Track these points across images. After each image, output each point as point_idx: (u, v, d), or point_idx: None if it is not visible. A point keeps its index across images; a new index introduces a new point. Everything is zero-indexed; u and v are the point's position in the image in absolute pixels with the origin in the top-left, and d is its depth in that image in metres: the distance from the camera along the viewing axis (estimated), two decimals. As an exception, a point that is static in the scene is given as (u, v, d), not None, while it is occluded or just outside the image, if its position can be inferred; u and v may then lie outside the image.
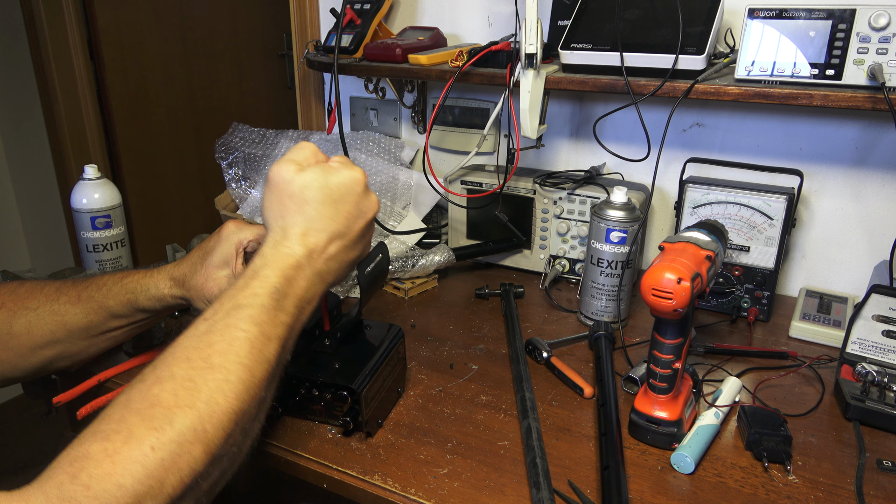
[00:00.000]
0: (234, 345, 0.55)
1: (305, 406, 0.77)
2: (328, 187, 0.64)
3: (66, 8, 2.12)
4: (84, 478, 0.44)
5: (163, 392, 0.50)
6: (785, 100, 0.86)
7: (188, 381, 0.51)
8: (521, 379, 0.84)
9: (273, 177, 0.64)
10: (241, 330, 0.56)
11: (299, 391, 0.75)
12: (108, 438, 0.47)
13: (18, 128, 2.37)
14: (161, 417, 0.48)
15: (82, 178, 1.09)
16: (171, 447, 0.47)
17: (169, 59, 2.36)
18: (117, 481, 0.44)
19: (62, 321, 0.76)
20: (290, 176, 0.63)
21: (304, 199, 0.63)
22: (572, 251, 1.17)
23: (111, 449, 0.46)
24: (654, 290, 0.67)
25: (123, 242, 1.12)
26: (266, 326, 0.57)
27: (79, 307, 0.76)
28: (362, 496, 0.69)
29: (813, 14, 0.85)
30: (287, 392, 0.76)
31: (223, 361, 0.54)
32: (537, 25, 0.93)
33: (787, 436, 0.72)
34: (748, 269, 1.03)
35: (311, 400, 0.75)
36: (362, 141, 1.42)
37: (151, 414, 0.49)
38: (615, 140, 1.23)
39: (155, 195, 2.41)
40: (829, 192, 1.10)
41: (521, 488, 0.67)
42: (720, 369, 0.90)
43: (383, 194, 1.31)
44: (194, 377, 0.52)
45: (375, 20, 1.25)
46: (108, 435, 0.47)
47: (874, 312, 0.86)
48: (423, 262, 1.13)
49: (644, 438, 0.75)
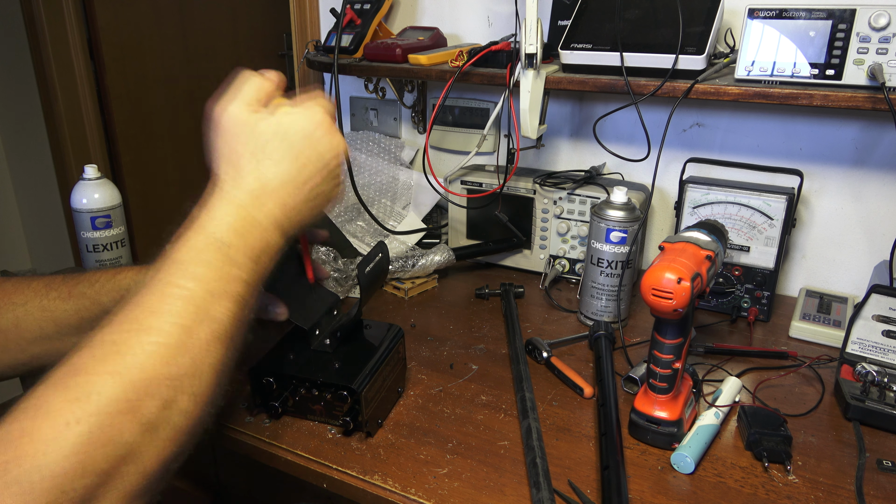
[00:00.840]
0: (168, 302, 0.50)
1: (305, 406, 0.77)
2: (284, 131, 0.59)
3: (66, 8, 2.12)
4: (1, 460, 0.40)
5: (82, 359, 0.46)
6: (785, 100, 0.86)
7: (112, 345, 0.47)
8: (521, 379, 0.84)
9: (221, 119, 0.59)
10: (177, 286, 0.51)
11: (299, 391, 0.75)
12: (27, 415, 0.43)
13: (18, 128, 2.37)
14: (82, 387, 0.44)
15: (82, 178, 1.09)
16: (95, 419, 0.43)
17: (169, 59, 2.36)
18: (37, 462, 0.41)
19: (52, 317, 0.73)
20: (241, 118, 0.59)
21: (258, 144, 0.58)
22: (572, 251, 1.17)
23: (29, 427, 0.42)
24: (654, 290, 0.67)
25: (123, 242, 1.12)
26: (212, 283, 0.53)
27: (70, 303, 0.73)
28: (362, 496, 0.69)
29: (813, 14, 0.85)
30: (287, 392, 0.76)
31: (155, 322, 0.49)
32: (537, 25, 0.93)
33: (787, 436, 0.72)
34: (748, 269, 1.03)
35: (311, 400, 0.75)
36: (362, 141, 1.42)
37: (72, 384, 0.45)
38: (615, 140, 1.23)
39: (155, 195, 2.41)
40: (829, 192, 1.10)
41: (521, 488, 0.67)
42: (720, 369, 0.90)
43: (383, 194, 1.31)
44: (120, 340, 0.48)
45: (375, 20, 1.25)
46: (27, 411, 0.43)
47: (874, 312, 0.86)
48: (423, 262, 1.13)
49: (644, 438, 0.75)
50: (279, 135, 0.60)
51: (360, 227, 1.26)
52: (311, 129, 0.61)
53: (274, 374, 0.75)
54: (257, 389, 0.77)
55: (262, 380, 0.76)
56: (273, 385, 0.76)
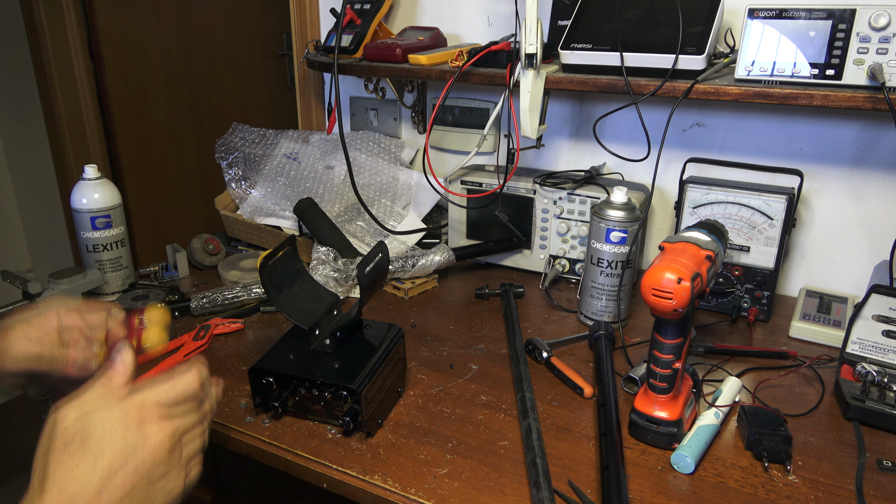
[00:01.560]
0: None
1: (305, 406, 0.77)
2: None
3: (66, 8, 2.12)
4: None
5: None
6: (785, 100, 0.86)
7: None
8: (521, 379, 0.84)
9: None
10: None
11: (299, 391, 0.75)
12: None
13: (18, 128, 2.37)
14: None
15: (82, 178, 1.09)
16: None
17: (169, 59, 2.36)
18: None
19: None
20: None
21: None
22: (572, 251, 1.17)
23: None
24: (654, 290, 0.67)
25: (123, 242, 1.12)
26: None
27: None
28: (362, 496, 0.69)
29: (813, 14, 0.85)
30: (287, 392, 0.76)
31: None
32: (537, 25, 0.93)
33: (787, 436, 0.72)
34: (748, 269, 1.03)
35: (311, 400, 0.76)
36: (362, 141, 1.42)
37: None
38: (615, 140, 1.23)
39: (155, 195, 2.41)
40: (829, 192, 1.10)
41: (521, 488, 0.67)
42: (720, 369, 0.90)
43: (383, 194, 1.31)
44: None
45: (375, 20, 1.25)
46: None
47: (874, 312, 0.86)
48: (423, 262, 1.13)
49: (644, 438, 0.75)
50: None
51: (360, 227, 1.26)
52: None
53: (274, 374, 0.75)
54: (257, 389, 0.77)
55: (262, 380, 0.76)
56: (273, 385, 0.76)
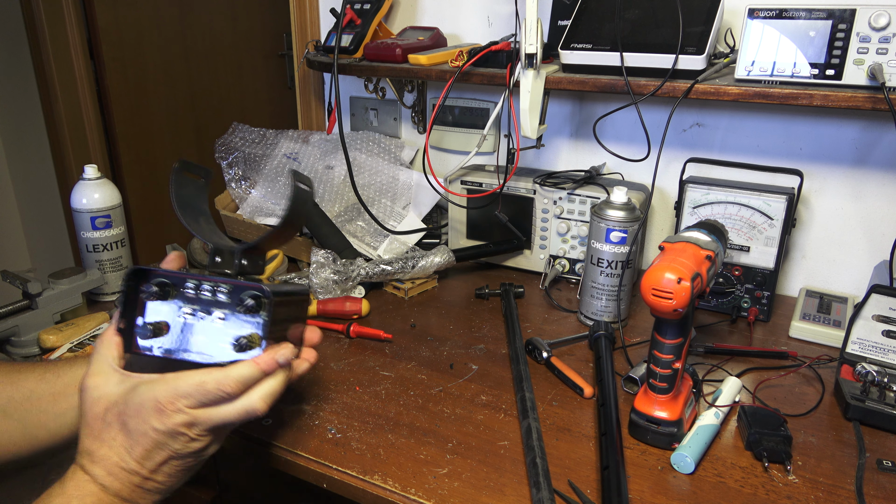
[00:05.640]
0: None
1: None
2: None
3: (66, 8, 2.12)
4: None
5: None
6: (785, 100, 0.86)
7: None
8: (521, 379, 0.84)
9: None
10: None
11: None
12: None
13: (18, 128, 2.37)
14: None
15: (82, 178, 1.09)
16: None
17: (169, 59, 2.36)
18: None
19: None
20: None
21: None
22: (572, 251, 1.17)
23: None
24: (654, 290, 0.67)
25: (123, 242, 1.12)
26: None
27: None
28: (362, 496, 0.69)
29: (813, 14, 0.85)
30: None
31: None
32: (537, 25, 0.93)
33: (787, 436, 0.72)
34: (748, 269, 1.03)
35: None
36: (362, 141, 1.42)
37: None
38: (615, 140, 1.23)
39: (155, 195, 2.42)
40: (829, 192, 1.10)
41: (521, 488, 0.67)
42: (720, 369, 0.90)
43: (383, 194, 1.31)
44: None
45: (375, 20, 1.25)
46: None
47: (874, 312, 0.86)
48: (423, 263, 1.13)
49: (644, 438, 0.75)
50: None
51: (360, 227, 1.26)
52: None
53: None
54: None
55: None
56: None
